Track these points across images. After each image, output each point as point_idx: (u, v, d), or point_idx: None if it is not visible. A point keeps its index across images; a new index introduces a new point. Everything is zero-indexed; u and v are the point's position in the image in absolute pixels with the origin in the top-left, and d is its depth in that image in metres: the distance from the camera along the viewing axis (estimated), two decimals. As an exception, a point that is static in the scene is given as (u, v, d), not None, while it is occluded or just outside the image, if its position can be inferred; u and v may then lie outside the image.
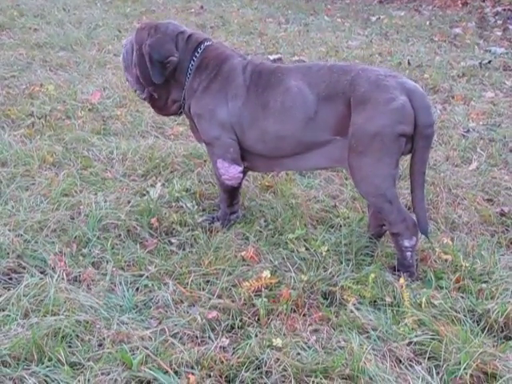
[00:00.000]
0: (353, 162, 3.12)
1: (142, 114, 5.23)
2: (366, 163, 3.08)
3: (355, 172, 3.15)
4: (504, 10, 10.51)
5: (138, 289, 2.96)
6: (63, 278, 2.96)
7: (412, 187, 3.18)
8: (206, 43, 3.48)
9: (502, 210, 3.78)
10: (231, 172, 3.41)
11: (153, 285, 2.97)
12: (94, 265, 3.13)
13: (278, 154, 3.34)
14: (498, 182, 4.19)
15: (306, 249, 3.30)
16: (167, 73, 3.39)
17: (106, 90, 5.90)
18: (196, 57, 3.42)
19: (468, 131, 5.18)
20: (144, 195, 3.83)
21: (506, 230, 3.64)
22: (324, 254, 3.23)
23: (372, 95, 3.04)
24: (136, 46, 3.41)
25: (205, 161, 4.28)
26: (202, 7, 11.12)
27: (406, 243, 3.12)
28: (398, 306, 2.83)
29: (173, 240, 3.38)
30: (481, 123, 5.37)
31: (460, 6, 11.20)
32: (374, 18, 10.51)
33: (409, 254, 3.13)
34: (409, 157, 3.17)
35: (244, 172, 3.48)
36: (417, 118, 3.02)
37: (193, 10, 10.90)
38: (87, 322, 2.65)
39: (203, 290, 2.95)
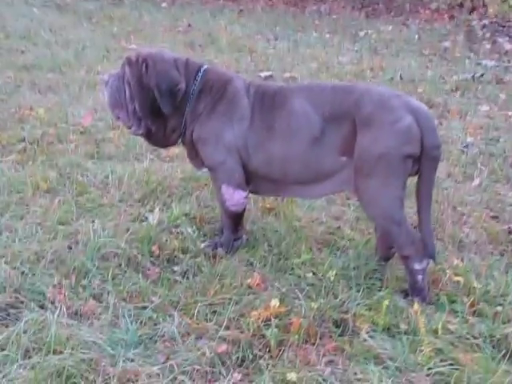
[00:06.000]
0: (359, 184, 3.04)
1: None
2: (372, 185, 3.00)
3: (362, 194, 3.07)
4: (491, 22, 10.54)
5: (142, 322, 2.83)
6: (64, 313, 2.82)
7: (418, 209, 3.09)
8: (204, 66, 3.40)
9: (509, 227, 3.72)
10: (236, 197, 3.30)
11: (157, 317, 2.84)
12: (94, 297, 2.99)
13: (285, 178, 3.25)
14: (502, 199, 4.14)
15: (314, 274, 3.21)
16: (178, 101, 3.29)
17: (97, 113, 5.79)
18: (197, 81, 3.33)
19: (467, 146, 5.13)
20: (142, 221, 3.71)
21: (516, 248, 3.56)
22: (332, 279, 3.13)
23: (377, 116, 2.97)
24: (133, 80, 3.27)
25: (205, 184, 4.18)
26: (189, 25, 11.07)
27: (417, 266, 3.02)
28: (414, 334, 2.73)
29: (175, 268, 3.26)
30: (479, 138, 5.32)
31: (447, 19, 11.23)
32: (362, 33, 10.51)
33: (420, 277, 3.03)
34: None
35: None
36: (423, 139, 2.94)
37: (180, 29, 10.84)
38: (92, 360, 2.51)
39: (210, 321, 2.83)
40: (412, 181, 3.15)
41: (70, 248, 3.38)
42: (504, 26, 10.25)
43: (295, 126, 3.14)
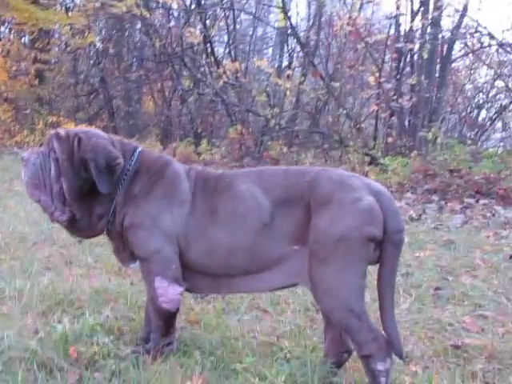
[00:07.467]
0: (314, 272, 2.74)
1: (33, 255, 4.63)
2: (329, 272, 2.70)
3: (317, 284, 2.75)
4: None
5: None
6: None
7: (380, 302, 2.83)
8: (139, 148, 3.12)
9: (455, 342, 3.47)
10: (171, 293, 2.89)
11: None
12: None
13: (228, 271, 2.91)
14: (438, 320, 3.92)
15: (260, 379, 2.79)
16: (115, 179, 2.94)
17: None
18: (132, 161, 3.02)
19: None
20: (49, 333, 3.17)
21: (467, 363, 3.29)
22: (283, 385, 2.73)
23: (336, 195, 2.74)
24: (63, 155, 2.91)
25: (119, 295, 3.72)
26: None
27: (380, 366, 2.67)
28: None
29: (96, 374, 2.74)
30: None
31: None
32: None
33: (383, 379, 2.67)
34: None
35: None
36: (386, 222, 2.73)
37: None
38: None
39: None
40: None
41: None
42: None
43: (242, 212, 2.86)
